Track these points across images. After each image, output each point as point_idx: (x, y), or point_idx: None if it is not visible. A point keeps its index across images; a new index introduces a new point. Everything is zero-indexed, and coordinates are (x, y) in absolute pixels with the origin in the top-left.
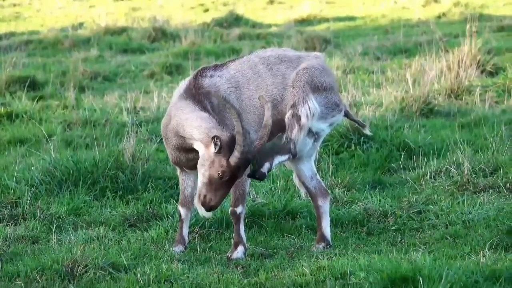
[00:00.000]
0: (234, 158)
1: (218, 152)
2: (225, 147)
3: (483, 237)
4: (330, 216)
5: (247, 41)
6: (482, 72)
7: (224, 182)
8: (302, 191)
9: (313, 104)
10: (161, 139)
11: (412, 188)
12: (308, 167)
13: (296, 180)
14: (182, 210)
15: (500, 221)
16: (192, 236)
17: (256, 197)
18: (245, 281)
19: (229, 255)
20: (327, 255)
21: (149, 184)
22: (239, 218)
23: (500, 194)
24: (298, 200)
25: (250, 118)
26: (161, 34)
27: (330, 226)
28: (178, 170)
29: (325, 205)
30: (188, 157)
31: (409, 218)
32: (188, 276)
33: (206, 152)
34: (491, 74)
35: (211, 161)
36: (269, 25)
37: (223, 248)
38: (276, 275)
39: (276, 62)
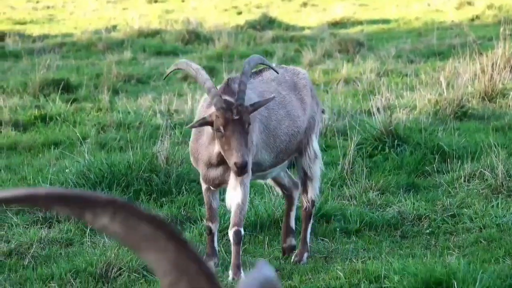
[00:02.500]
0: (212, 103)
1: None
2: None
3: None
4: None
5: (280, 43)
6: None
7: (230, 135)
8: (279, 190)
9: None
10: None
11: (446, 192)
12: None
13: (270, 180)
14: (211, 225)
15: None
16: (226, 239)
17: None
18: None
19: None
20: (361, 258)
21: (183, 187)
22: (242, 239)
23: None
24: (332, 203)
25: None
26: (195, 37)
27: (365, 229)
28: (204, 187)
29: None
30: (217, 173)
31: (443, 221)
32: (221, 280)
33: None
34: None
35: (214, 131)
36: (302, 28)
37: (257, 251)
38: (310, 278)
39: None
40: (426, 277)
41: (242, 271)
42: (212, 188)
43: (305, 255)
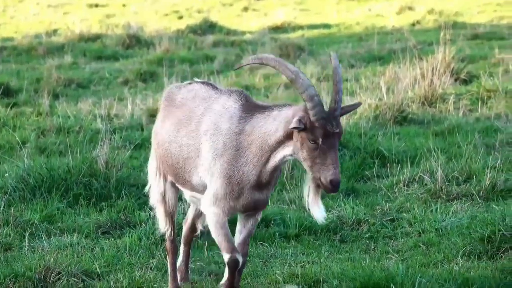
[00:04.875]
0: (312, 112)
1: (302, 129)
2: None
3: (456, 245)
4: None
5: (221, 48)
6: (456, 80)
7: (326, 148)
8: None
9: None
10: (135, 145)
11: (385, 196)
12: None
13: (194, 220)
14: (238, 256)
15: (473, 229)
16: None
17: None
18: None
19: None
20: (300, 263)
21: (123, 191)
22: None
23: (473, 202)
24: (272, 208)
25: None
26: (135, 41)
27: (305, 233)
28: (221, 217)
29: None
30: (262, 196)
31: (383, 226)
32: (160, 284)
33: (292, 142)
34: (465, 82)
35: (298, 140)
36: (244, 32)
37: (196, 255)
38: (249, 282)
39: None
40: (365, 281)
41: None
42: (234, 214)
43: None
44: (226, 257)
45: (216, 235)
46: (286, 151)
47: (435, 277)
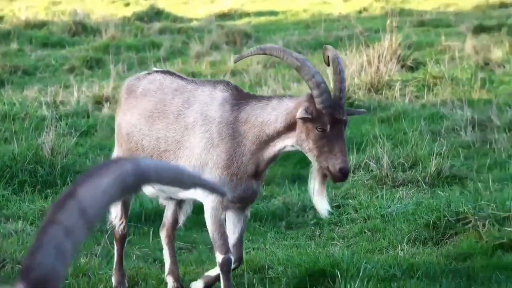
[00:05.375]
0: (319, 99)
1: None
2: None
3: (402, 231)
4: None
5: (168, 35)
6: (402, 66)
7: (334, 136)
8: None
9: None
10: (81, 132)
11: (331, 183)
12: None
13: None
14: (231, 256)
15: (419, 215)
16: (111, 231)
17: None
18: (164, 275)
19: None
20: (246, 249)
21: (68, 178)
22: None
23: (419, 188)
24: None
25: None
26: (82, 28)
27: (251, 220)
28: (219, 211)
29: None
30: (256, 185)
31: (328, 212)
32: (106, 271)
33: (295, 133)
34: (411, 69)
35: (303, 131)
36: (190, 20)
37: (141, 242)
38: (194, 269)
39: None
40: (310, 268)
41: None
42: (230, 207)
43: None
44: (219, 257)
45: (213, 231)
46: (286, 142)
47: (380, 263)
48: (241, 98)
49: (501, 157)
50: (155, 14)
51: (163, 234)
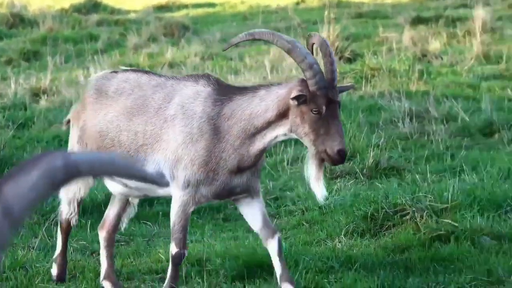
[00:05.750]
0: (312, 81)
1: (302, 102)
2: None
3: (339, 223)
4: None
5: (106, 27)
6: (340, 58)
7: (330, 118)
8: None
9: None
10: (19, 125)
11: (269, 175)
12: None
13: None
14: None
15: (357, 207)
16: (49, 223)
17: None
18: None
19: None
20: None
21: (5, 171)
22: None
23: (357, 180)
24: None
25: None
26: (19, 20)
27: None
28: (189, 208)
29: None
30: (242, 180)
31: (266, 204)
32: (43, 263)
33: (288, 120)
34: (349, 60)
35: (298, 115)
36: (128, 11)
37: (79, 235)
38: (132, 262)
39: None
40: (248, 260)
41: None
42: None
43: None
44: (173, 250)
45: (176, 222)
46: (278, 131)
47: (318, 255)
48: (224, 93)
49: (439, 149)
50: (93, 6)
51: (102, 234)
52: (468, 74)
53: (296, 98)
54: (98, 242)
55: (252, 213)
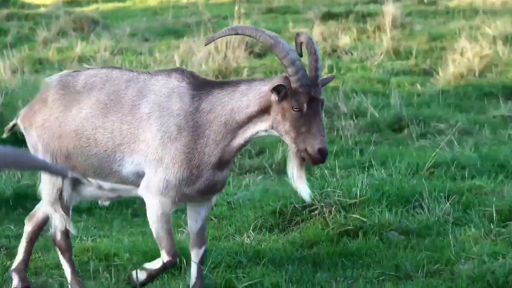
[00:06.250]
0: (295, 77)
1: (282, 98)
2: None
3: (248, 218)
4: None
5: (15, 21)
6: (250, 53)
7: (311, 116)
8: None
9: None
10: None
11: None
12: None
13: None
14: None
15: (265, 202)
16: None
17: (21, 178)
18: (8, 262)
19: None
20: (91, 236)
21: None
22: None
23: (266, 175)
24: None
25: None
26: None
27: (96, 207)
28: (170, 209)
29: None
30: (223, 176)
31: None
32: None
33: (270, 117)
34: (259, 55)
35: (279, 112)
36: (38, 6)
37: None
38: (40, 257)
39: None
40: (156, 255)
41: None
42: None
43: None
44: (165, 258)
45: (158, 228)
46: (259, 126)
47: (227, 250)
48: (200, 87)
49: (348, 144)
50: (3, 0)
51: (29, 227)
52: (378, 69)
53: (275, 90)
54: (6, 237)
55: (196, 217)
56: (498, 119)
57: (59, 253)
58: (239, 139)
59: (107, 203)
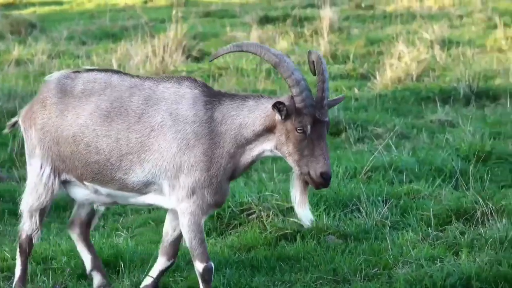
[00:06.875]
0: (299, 98)
1: (285, 117)
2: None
3: None
4: None
5: None
6: (187, 57)
7: (315, 138)
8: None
9: None
10: None
11: None
12: None
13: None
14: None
15: None
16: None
17: None
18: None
19: None
20: None
21: None
22: None
23: None
24: (1, 186)
25: None
26: None
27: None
28: (202, 218)
29: None
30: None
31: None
32: None
33: (274, 136)
34: (197, 59)
35: (283, 133)
36: None
37: None
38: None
39: None
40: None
41: None
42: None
43: None
44: (199, 266)
45: (191, 238)
46: (265, 145)
47: None
48: (212, 95)
49: None
50: None
51: (75, 233)
52: None
53: (276, 107)
54: None
55: (175, 225)
56: (436, 123)
57: (17, 250)
58: (247, 157)
59: (102, 208)
